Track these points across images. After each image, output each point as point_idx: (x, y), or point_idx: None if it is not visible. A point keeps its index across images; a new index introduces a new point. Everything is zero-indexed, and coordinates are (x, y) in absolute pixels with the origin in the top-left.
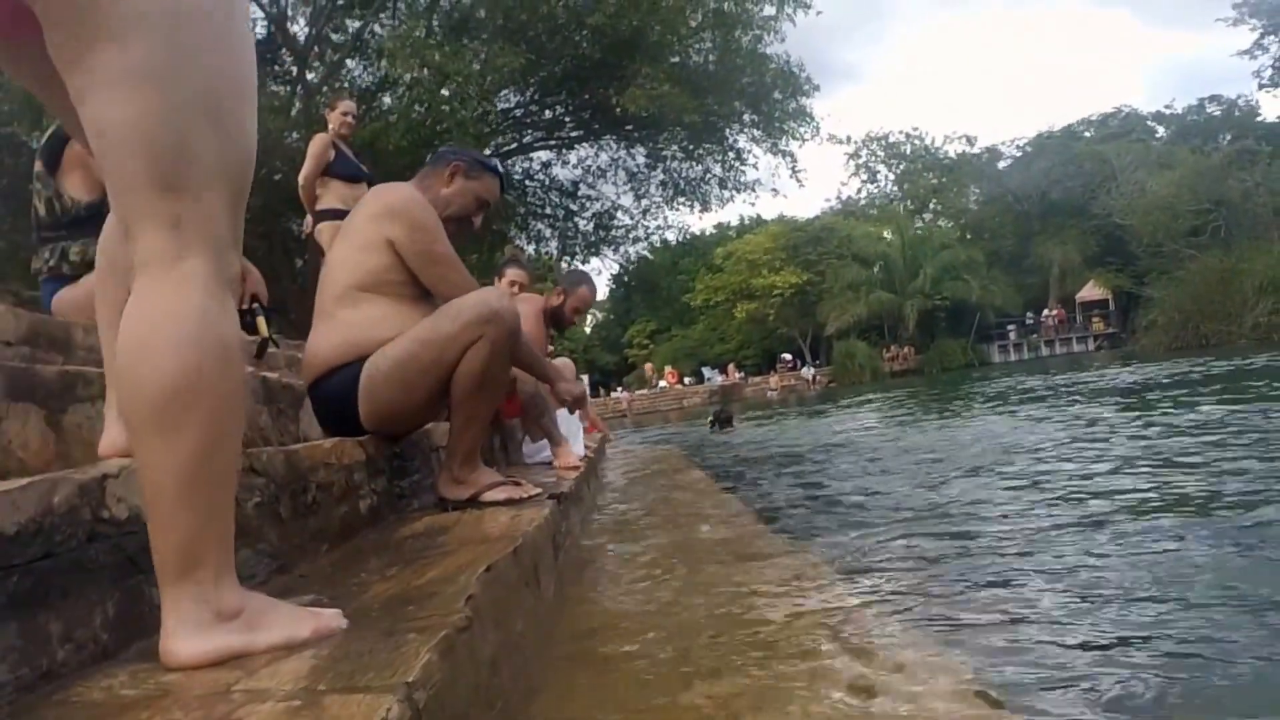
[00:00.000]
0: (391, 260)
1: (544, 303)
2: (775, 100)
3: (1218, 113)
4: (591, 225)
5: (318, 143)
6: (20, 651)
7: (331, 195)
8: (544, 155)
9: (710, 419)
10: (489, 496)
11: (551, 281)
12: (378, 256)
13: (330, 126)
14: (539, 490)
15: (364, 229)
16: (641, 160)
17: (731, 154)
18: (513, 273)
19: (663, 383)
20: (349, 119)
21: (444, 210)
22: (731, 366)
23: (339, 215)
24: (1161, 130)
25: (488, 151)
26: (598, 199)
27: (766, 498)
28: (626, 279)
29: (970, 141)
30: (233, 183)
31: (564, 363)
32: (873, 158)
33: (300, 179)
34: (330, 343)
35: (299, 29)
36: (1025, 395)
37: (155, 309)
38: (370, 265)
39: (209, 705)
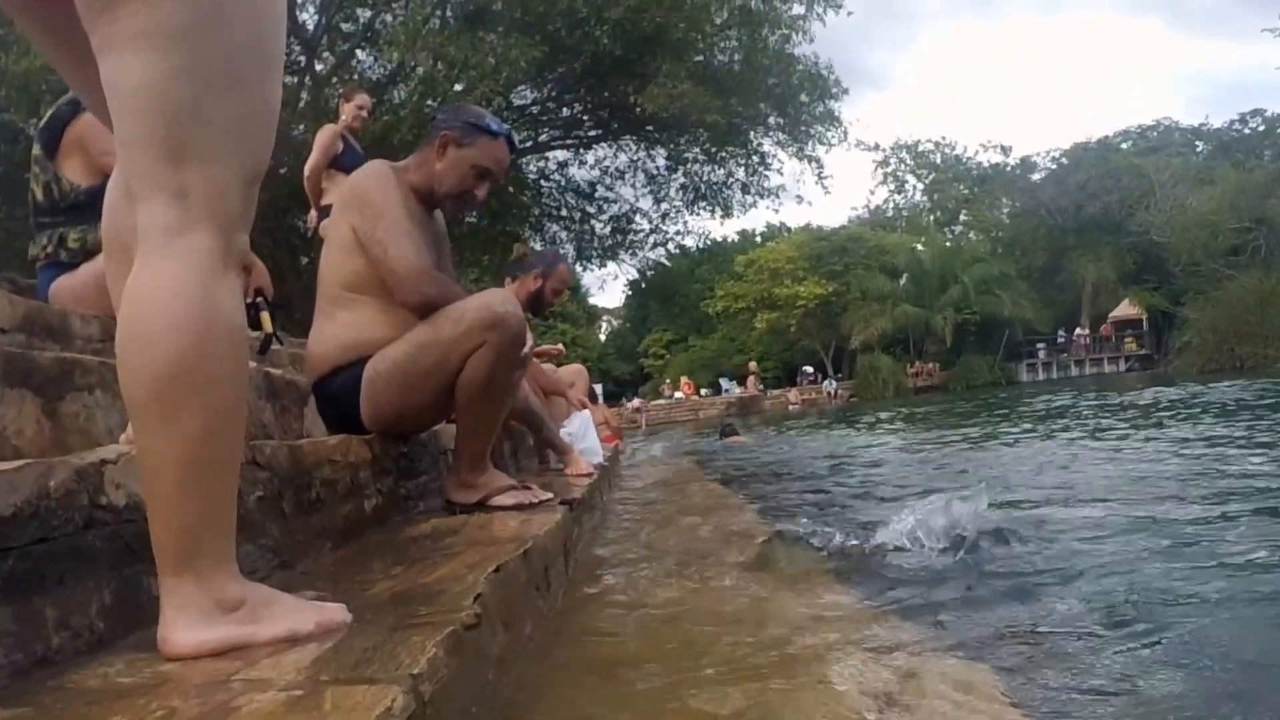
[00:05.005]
0: (368, 258)
1: (517, 288)
2: (802, 103)
3: (1261, 127)
4: (609, 228)
5: (326, 134)
6: (15, 636)
7: (338, 189)
8: (561, 155)
9: (719, 432)
10: (498, 501)
11: None
12: (357, 256)
13: (342, 119)
14: (550, 495)
15: (338, 223)
16: (662, 162)
17: (755, 158)
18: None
19: (678, 394)
20: (364, 113)
21: (440, 188)
22: (752, 379)
23: None
24: (1201, 145)
25: None
26: (615, 201)
27: (783, 504)
28: (644, 285)
29: (1005, 151)
30: (248, 158)
31: (577, 369)
32: (901, 166)
33: (306, 170)
34: (331, 343)
35: (308, 17)
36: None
37: (156, 286)
38: (354, 266)
39: (207, 694)
